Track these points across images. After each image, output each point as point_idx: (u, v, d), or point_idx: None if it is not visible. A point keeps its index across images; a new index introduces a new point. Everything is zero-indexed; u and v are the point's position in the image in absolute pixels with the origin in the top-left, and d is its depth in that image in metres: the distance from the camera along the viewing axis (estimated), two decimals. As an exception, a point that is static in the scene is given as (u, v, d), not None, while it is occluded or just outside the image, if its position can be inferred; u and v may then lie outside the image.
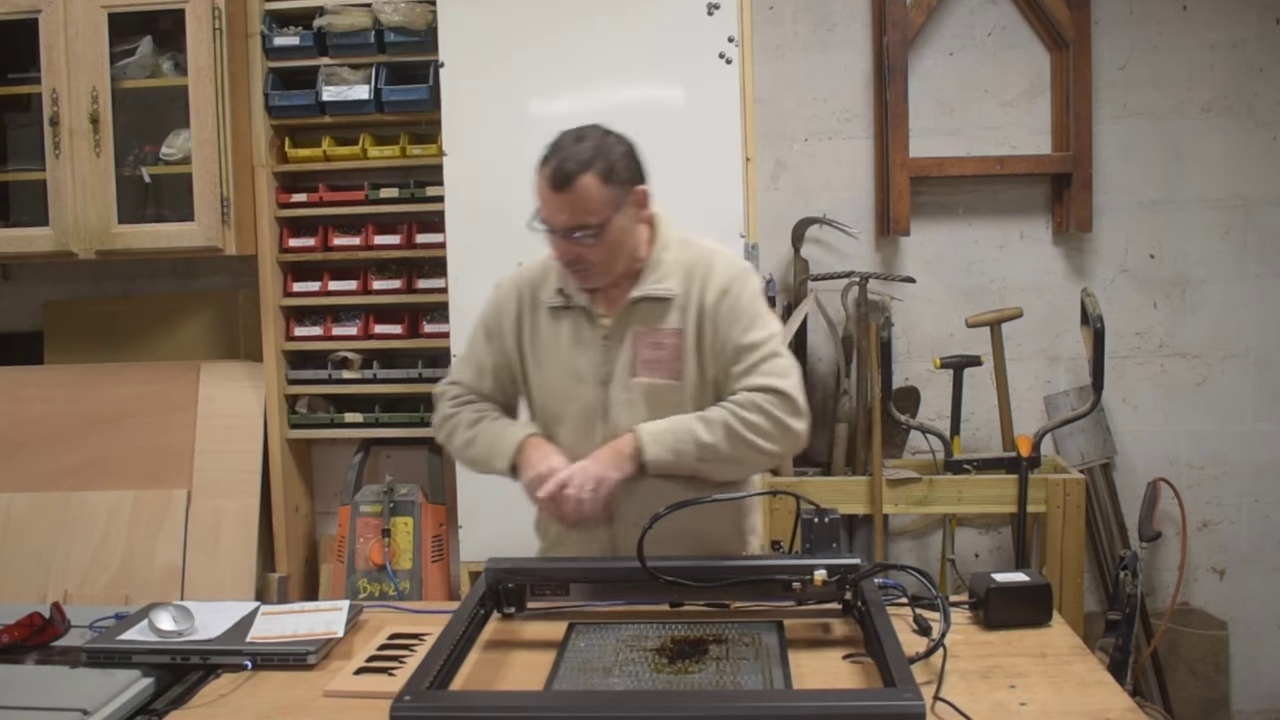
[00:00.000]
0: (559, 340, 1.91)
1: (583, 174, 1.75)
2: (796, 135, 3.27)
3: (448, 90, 2.83)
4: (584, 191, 1.75)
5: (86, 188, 2.95)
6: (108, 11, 2.91)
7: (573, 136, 1.80)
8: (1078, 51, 3.10)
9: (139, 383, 3.20)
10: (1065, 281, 3.24)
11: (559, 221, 1.78)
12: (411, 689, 1.35)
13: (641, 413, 1.86)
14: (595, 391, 1.88)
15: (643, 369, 1.86)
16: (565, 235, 1.79)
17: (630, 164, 1.83)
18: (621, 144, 1.83)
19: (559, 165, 1.76)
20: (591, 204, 1.76)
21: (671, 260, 1.89)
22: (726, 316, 1.86)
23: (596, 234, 1.77)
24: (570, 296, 1.90)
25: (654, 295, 1.86)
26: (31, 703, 1.51)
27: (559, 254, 1.83)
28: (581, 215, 1.76)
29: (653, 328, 1.87)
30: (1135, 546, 2.95)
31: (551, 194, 1.77)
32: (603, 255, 1.81)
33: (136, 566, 3.01)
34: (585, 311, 1.89)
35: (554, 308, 1.92)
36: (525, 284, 1.98)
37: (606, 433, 1.87)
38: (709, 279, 1.87)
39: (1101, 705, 1.44)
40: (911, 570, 1.78)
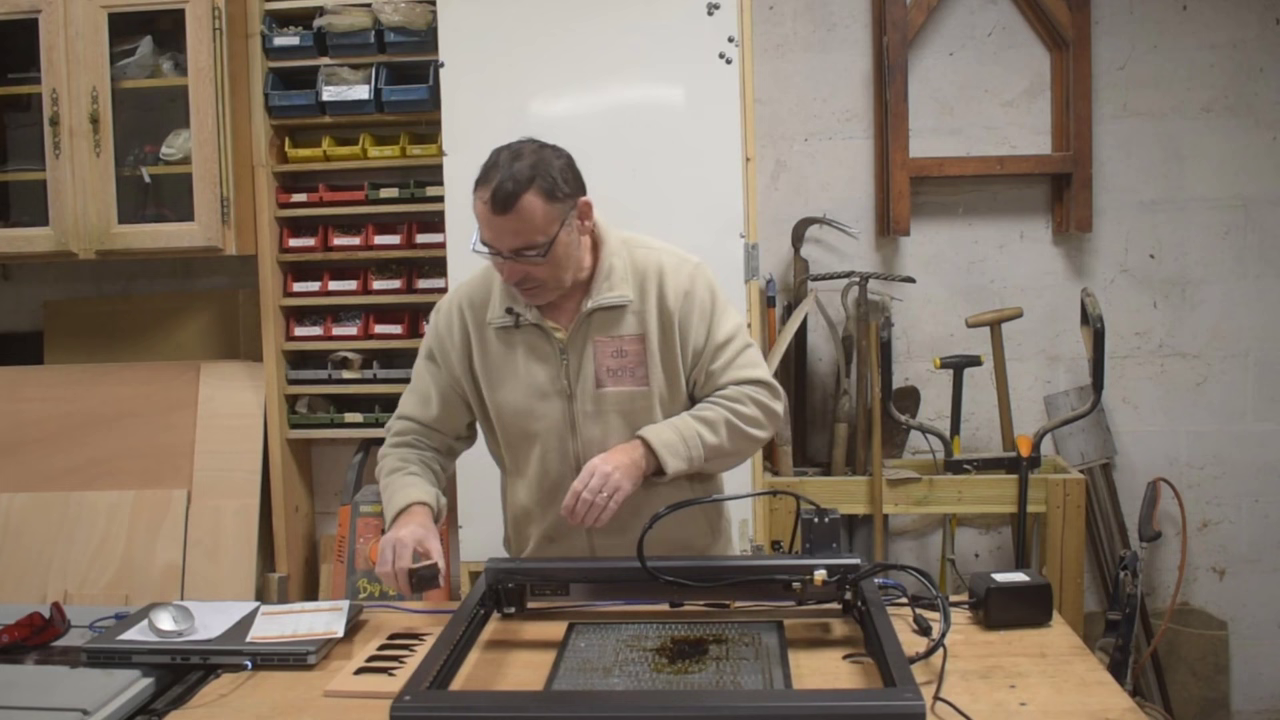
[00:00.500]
0: (514, 359, 1.87)
1: (524, 194, 1.70)
2: (796, 135, 3.27)
3: (448, 90, 2.83)
4: (527, 211, 1.70)
5: (86, 188, 2.95)
6: (108, 11, 2.91)
7: (509, 154, 1.74)
8: (1078, 51, 3.10)
9: (139, 383, 3.20)
10: (1065, 281, 3.24)
11: (504, 245, 1.72)
12: (411, 689, 1.35)
13: (611, 423, 1.85)
14: (560, 406, 1.86)
15: (608, 378, 1.85)
16: (512, 258, 1.74)
17: (570, 176, 1.78)
18: (559, 156, 1.79)
19: (498, 187, 1.69)
20: (536, 223, 1.71)
21: (621, 266, 1.86)
22: (692, 317, 1.85)
23: (544, 253, 1.73)
24: (520, 314, 1.85)
25: (608, 304, 1.84)
26: (31, 703, 1.51)
27: (506, 276, 1.78)
28: (527, 236, 1.71)
29: (612, 336, 1.85)
30: (1135, 546, 2.95)
31: (493, 217, 1.71)
32: (551, 272, 1.77)
33: (136, 566, 3.01)
34: (537, 327, 1.85)
35: (503, 328, 1.87)
36: (467, 305, 1.92)
37: (577, 447, 1.86)
38: (664, 281, 1.86)
39: (1101, 705, 1.44)
40: (911, 570, 1.78)
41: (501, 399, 1.89)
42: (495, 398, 1.90)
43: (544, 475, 1.90)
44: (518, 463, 1.94)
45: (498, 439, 1.96)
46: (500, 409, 1.90)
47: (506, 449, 1.95)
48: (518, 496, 1.96)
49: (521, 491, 1.95)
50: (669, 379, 1.87)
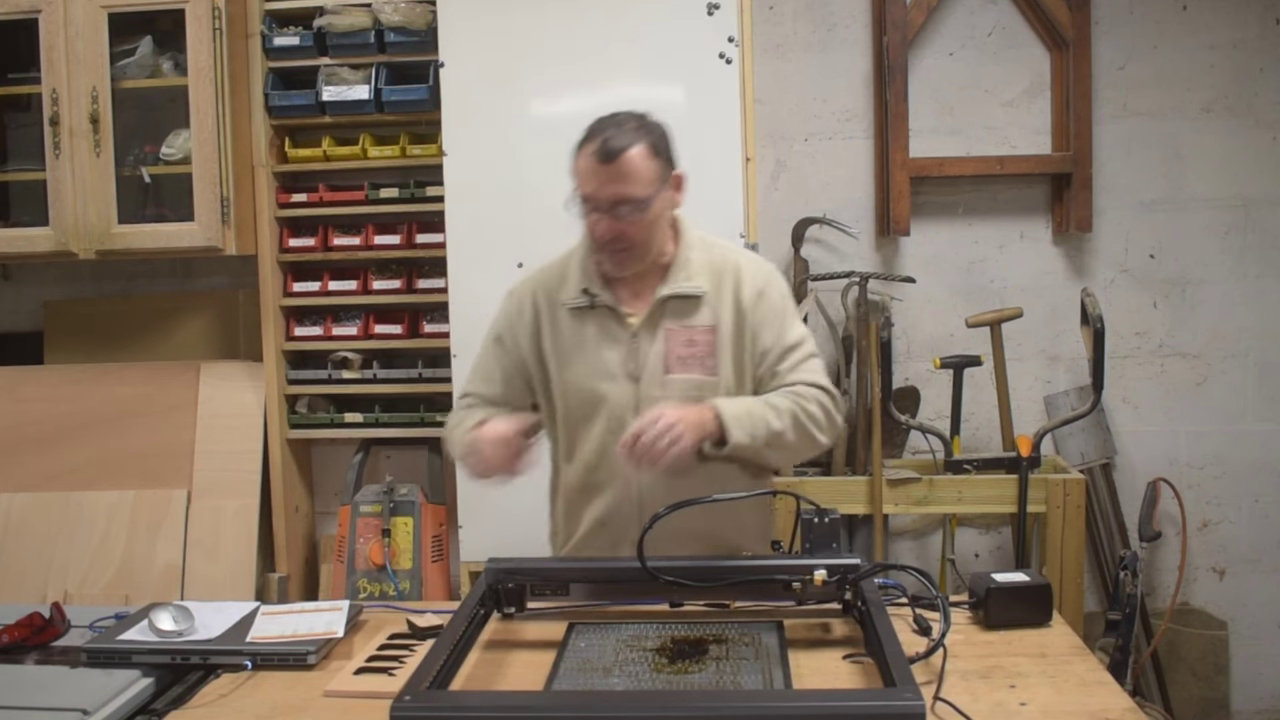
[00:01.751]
0: (584, 339, 1.90)
1: (632, 146, 1.76)
2: (796, 135, 3.27)
3: (448, 90, 2.83)
4: (633, 164, 1.76)
5: (86, 188, 2.95)
6: (108, 11, 2.91)
7: (612, 119, 1.80)
8: (1078, 51, 3.10)
9: (139, 383, 3.20)
10: (1065, 281, 3.24)
11: (605, 194, 1.77)
12: (411, 689, 1.35)
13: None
14: (626, 388, 1.88)
15: (677, 365, 1.87)
16: (610, 209, 1.78)
17: (669, 146, 1.84)
18: (661, 127, 1.85)
19: (606, 140, 1.76)
20: (640, 176, 1.77)
21: (698, 259, 1.91)
22: (766, 317, 1.89)
23: (642, 209, 1.78)
24: (595, 295, 1.89)
25: (684, 293, 1.88)
26: (31, 703, 1.51)
27: (599, 233, 1.81)
28: (629, 187, 1.76)
29: (684, 324, 1.88)
30: (1135, 546, 2.95)
31: (598, 166, 1.76)
32: (643, 234, 1.81)
33: (136, 566, 3.01)
34: (611, 310, 1.89)
35: (577, 308, 1.91)
36: (540, 288, 1.97)
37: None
38: (741, 279, 1.90)
39: (1101, 705, 1.44)
40: (911, 570, 1.78)
41: (569, 378, 1.92)
42: (562, 376, 1.92)
43: (602, 457, 1.90)
44: (575, 444, 1.94)
45: (557, 421, 1.97)
46: (566, 388, 1.92)
47: (565, 431, 1.96)
48: (570, 480, 1.97)
49: (575, 475, 1.95)
50: (736, 374, 1.89)
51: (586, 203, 1.80)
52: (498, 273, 2.81)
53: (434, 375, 3.08)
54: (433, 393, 3.10)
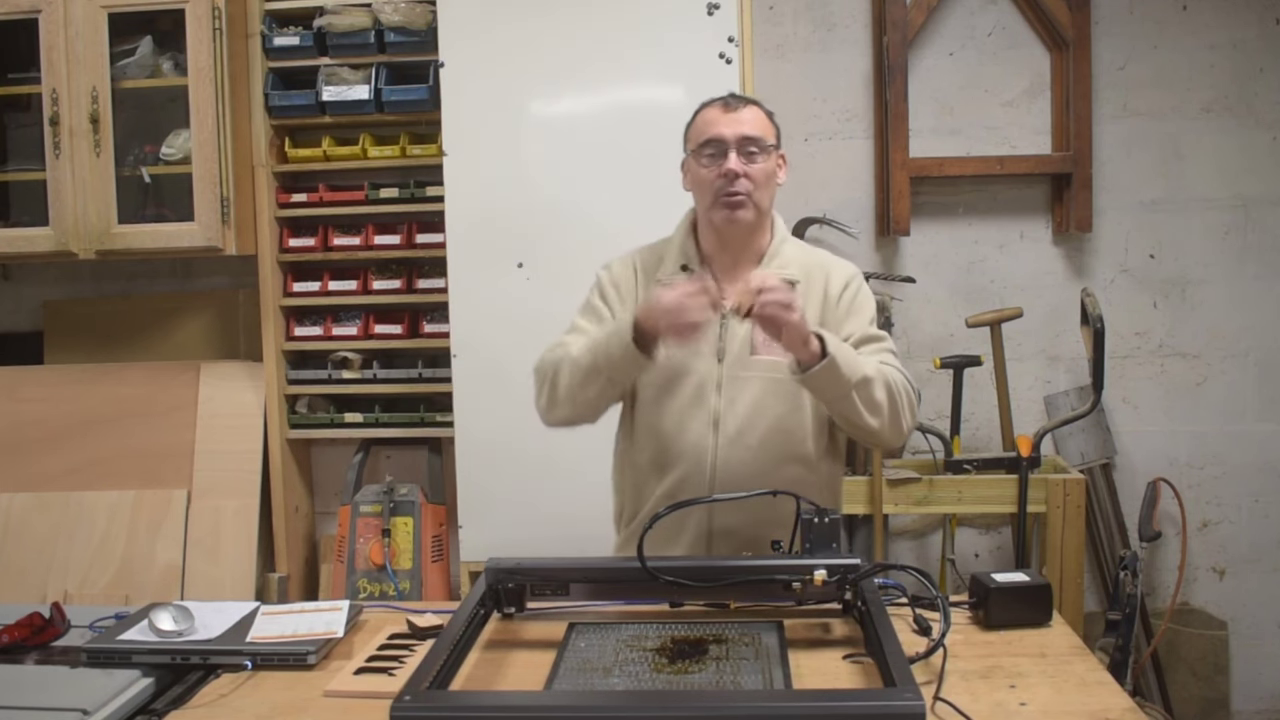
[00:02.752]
0: None
1: (752, 104, 1.93)
2: (796, 135, 3.27)
3: (448, 90, 2.83)
4: (756, 113, 1.91)
5: (86, 188, 2.95)
6: (108, 11, 2.91)
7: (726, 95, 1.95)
8: (1078, 51, 3.10)
9: (139, 383, 3.20)
10: (1065, 281, 3.24)
11: (734, 132, 1.87)
12: (411, 689, 1.35)
13: (755, 389, 1.90)
14: (710, 366, 1.92)
15: (763, 347, 1.89)
16: (738, 147, 1.86)
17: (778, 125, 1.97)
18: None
19: (730, 95, 1.94)
20: (763, 124, 1.91)
21: (791, 251, 1.99)
22: (852, 307, 1.95)
23: (766, 152, 1.88)
24: (694, 272, 1.93)
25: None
26: (31, 703, 1.51)
27: (723, 171, 1.86)
28: (756, 129, 1.88)
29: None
30: (1135, 546, 2.95)
31: (726, 114, 1.89)
32: (762, 182, 1.89)
33: (136, 566, 3.02)
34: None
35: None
36: (640, 261, 2.02)
37: (718, 406, 1.90)
38: (830, 273, 1.97)
39: (1101, 705, 1.44)
40: (911, 570, 1.78)
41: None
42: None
43: (679, 430, 1.92)
44: (652, 417, 1.95)
45: (637, 395, 1.97)
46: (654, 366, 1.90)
47: (644, 402, 1.96)
48: (643, 455, 1.97)
49: (648, 449, 1.96)
50: None
51: (713, 145, 1.88)
52: (498, 273, 2.82)
53: (434, 375, 3.08)
54: (433, 393, 3.10)
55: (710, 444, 1.90)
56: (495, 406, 2.83)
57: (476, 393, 2.85)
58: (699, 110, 1.96)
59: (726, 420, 1.90)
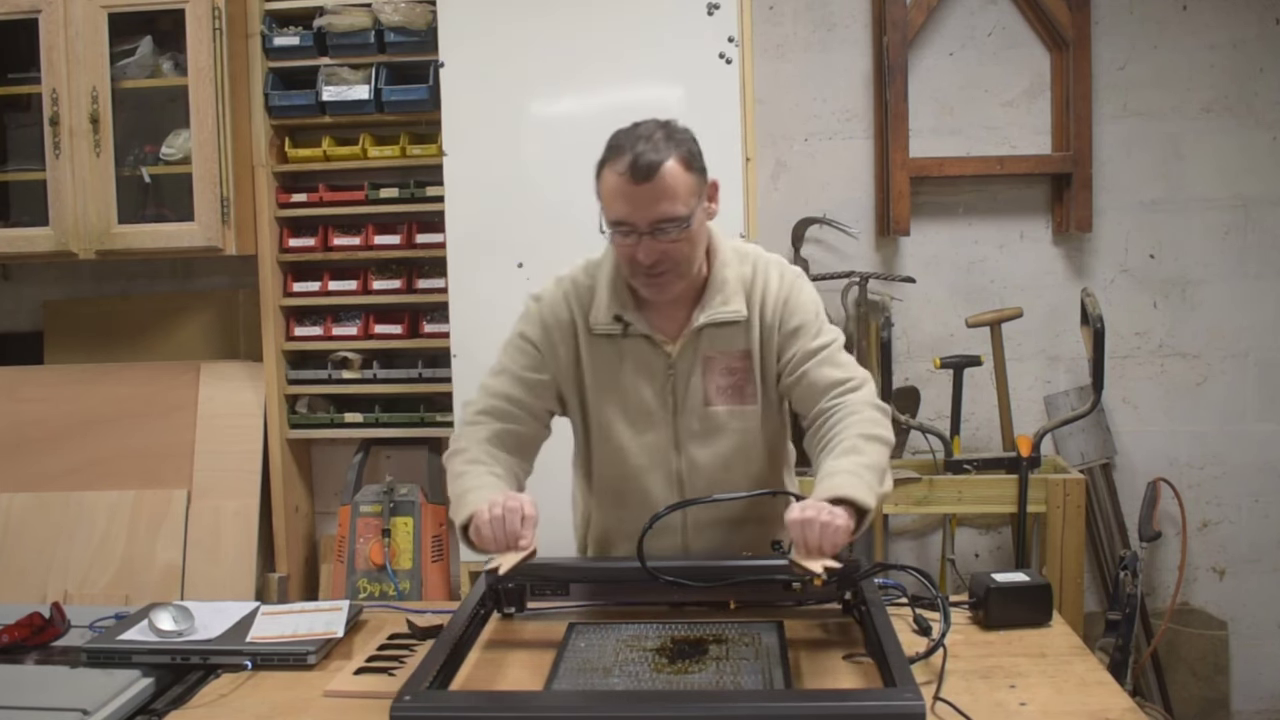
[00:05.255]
0: (620, 373, 1.79)
1: (666, 160, 1.61)
2: (796, 135, 3.27)
3: (448, 90, 2.83)
4: (670, 180, 1.61)
5: (86, 188, 2.95)
6: (108, 11, 2.91)
7: (632, 132, 1.65)
8: (1078, 51, 3.10)
9: (139, 383, 3.20)
10: (1065, 281, 3.24)
11: (645, 218, 1.62)
12: (411, 689, 1.35)
13: (718, 442, 1.80)
14: (665, 423, 1.80)
15: (718, 396, 1.78)
16: (651, 232, 1.63)
17: (700, 153, 1.69)
18: (688, 132, 1.70)
19: (638, 156, 1.60)
20: (679, 192, 1.62)
21: (733, 278, 1.77)
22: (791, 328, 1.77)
23: (683, 226, 1.64)
24: (629, 322, 1.76)
25: (722, 319, 1.76)
26: (31, 703, 1.51)
27: (641, 257, 1.65)
28: (670, 206, 1.62)
29: (724, 351, 1.78)
30: (1135, 546, 2.95)
31: (633, 188, 1.61)
32: (686, 253, 1.67)
33: (136, 566, 3.01)
34: (647, 339, 1.77)
35: (607, 336, 1.78)
36: (575, 303, 1.81)
37: (680, 467, 1.82)
38: (766, 290, 1.78)
39: (1101, 705, 1.44)
40: (911, 570, 1.78)
41: (608, 416, 1.81)
42: (601, 414, 1.81)
43: (644, 498, 1.81)
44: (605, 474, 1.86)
45: (590, 444, 1.86)
46: (602, 420, 1.81)
47: (603, 467, 1.86)
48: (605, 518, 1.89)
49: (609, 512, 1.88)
50: (766, 392, 1.81)
51: (621, 226, 1.65)
52: (498, 273, 2.82)
53: (434, 375, 3.07)
54: (433, 393, 3.10)
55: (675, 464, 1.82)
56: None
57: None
58: (602, 166, 1.66)
59: (693, 480, 1.81)
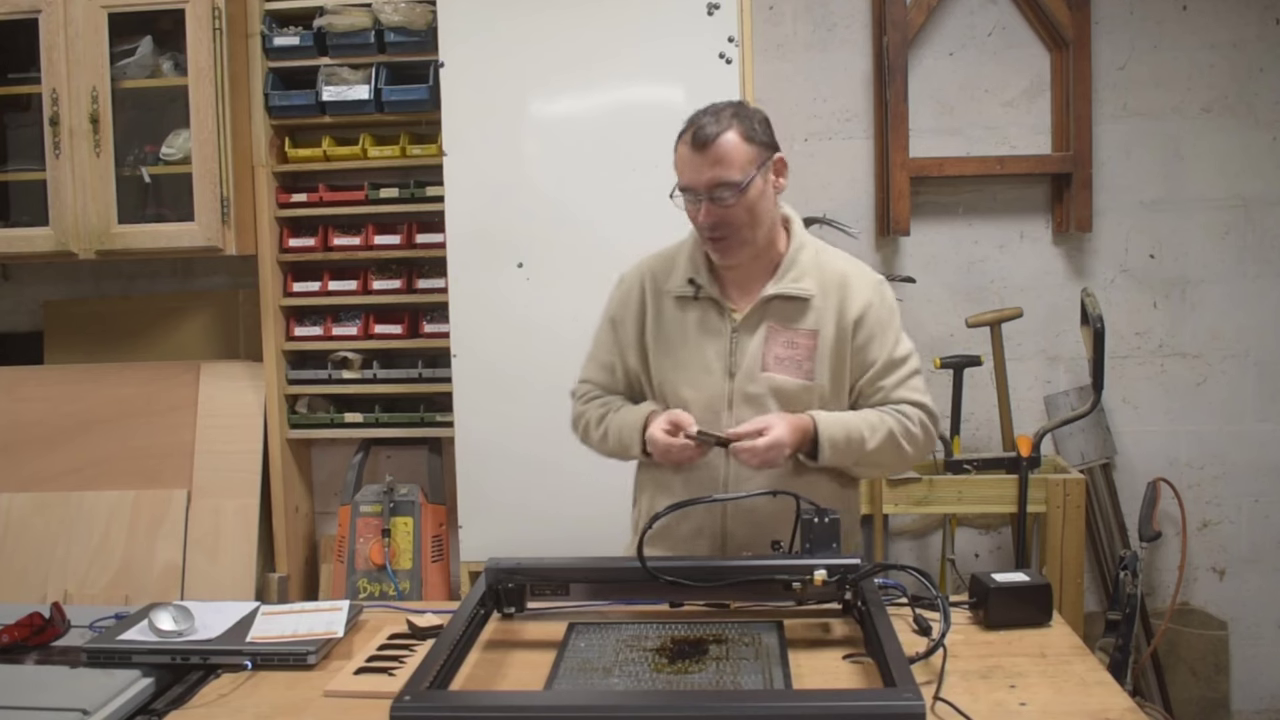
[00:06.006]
0: (685, 329, 1.92)
1: (725, 132, 1.79)
2: (796, 135, 3.27)
3: (448, 90, 2.83)
4: (725, 148, 1.78)
5: (86, 188, 2.95)
6: (108, 11, 2.91)
7: (709, 108, 1.84)
8: (1078, 51, 3.10)
9: (139, 383, 3.20)
10: (1065, 281, 3.24)
11: (701, 180, 1.79)
12: (411, 689, 1.35)
13: (767, 408, 1.87)
14: (721, 382, 1.89)
15: (774, 365, 1.88)
16: (708, 195, 1.80)
17: (767, 130, 1.86)
18: (759, 113, 1.87)
19: (700, 128, 1.79)
20: (733, 160, 1.78)
21: (808, 262, 1.91)
22: (873, 331, 1.89)
23: (739, 192, 1.79)
24: (701, 287, 1.90)
25: (791, 294, 1.88)
26: (31, 703, 1.51)
27: (702, 218, 1.83)
28: (724, 171, 1.78)
29: (788, 326, 1.88)
30: (1135, 546, 2.95)
31: (693, 154, 1.79)
32: (745, 219, 1.82)
33: (136, 566, 3.02)
34: (715, 303, 1.90)
35: (681, 297, 1.92)
36: (648, 274, 1.98)
37: (729, 424, 1.87)
38: (850, 289, 1.90)
39: (1101, 705, 1.44)
40: (911, 570, 1.78)
41: (666, 366, 1.93)
42: (660, 364, 1.94)
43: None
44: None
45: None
46: (663, 376, 1.94)
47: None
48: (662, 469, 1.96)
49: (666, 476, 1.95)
50: (834, 383, 1.89)
51: (686, 191, 1.83)
52: (498, 273, 2.82)
53: (434, 375, 3.08)
54: (433, 393, 3.10)
55: (721, 463, 1.89)
56: (495, 406, 2.84)
57: (476, 393, 2.85)
58: (678, 139, 1.86)
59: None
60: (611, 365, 2.01)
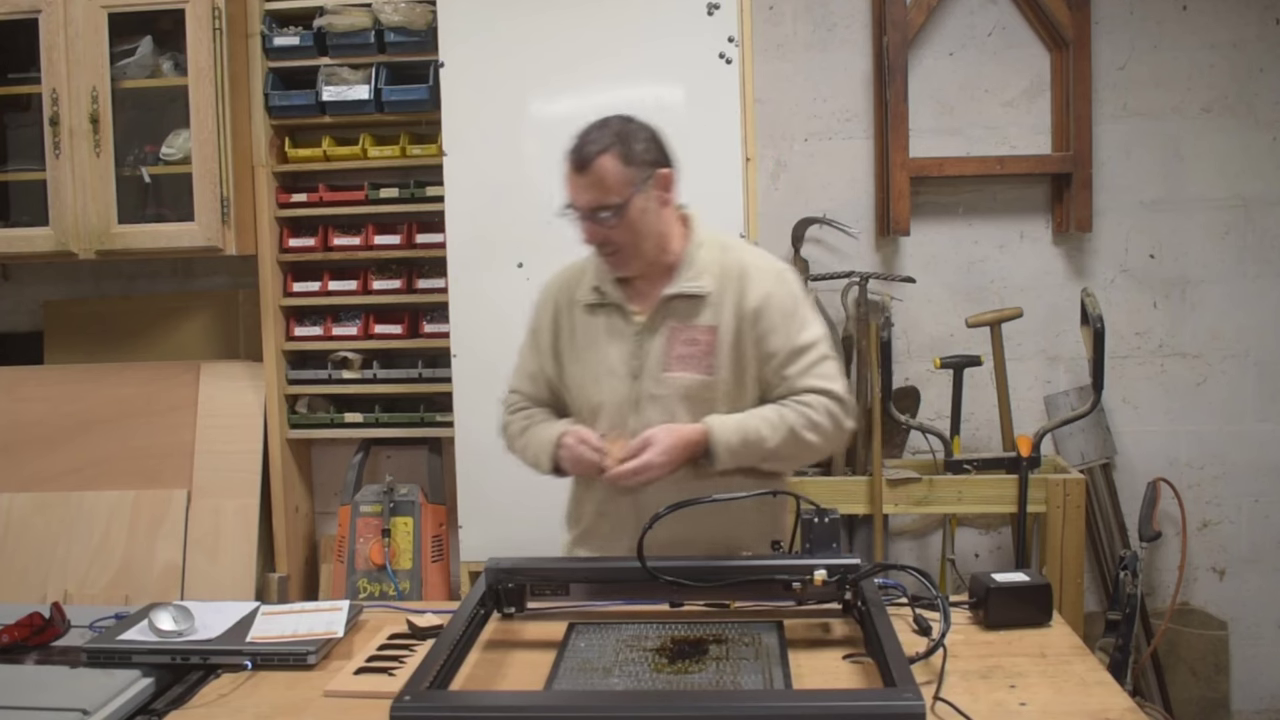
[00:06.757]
0: (594, 335, 1.96)
1: (602, 155, 1.81)
2: (796, 135, 3.27)
3: (448, 90, 2.83)
4: (603, 171, 1.81)
5: (86, 188, 2.95)
6: (108, 11, 2.91)
7: (596, 124, 1.86)
8: (1078, 51, 3.10)
9: (139, 383, 3.20)
10: (1065, 281, 3.24)
11: (581, 202, 1.84)
12: (411, 689, 1.35)
13: (673, 407, 1.89)
14: (627, 385, 1.92)
15: (675, 364, 1.90)
16: (589, 216, 1.84)
17: (652, 147, 1.87)
18: (644, 129, 1.88)
19: (579, 147, 1.83)
20: (611, 183, 1.81)
21: (706, 258, 1.93)
22: (774, 320, 1.90)
23: (617, 213, 1.82)
24: (605, 293, 1.94)
25: (688, 292, 1.91)
26: (31, 703, 1.51)
27: (587, 237, 1.88)
28: (602, 195, 1.82)
29: (687, 324, 1.91)
30: (1135, 546, 2.95)
31: (574, 176, 1.84)
32: (628, 237, 1.85)
33: (136, 566, 3.02)
34: (619, 308, 1.94)
35: (589, 305, 1.97)
36: (561, 285, 2.04)
37: (637, 425, 1.89)
38: (749, 280, 1.91)
39: (1101, 705, 1.44)
40: (911, 570, 1.78)
41: (574, 372, 1.98)
42: (571, 370, 1.99)
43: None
44: None
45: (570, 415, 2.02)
46: (571, 382, 1.99)
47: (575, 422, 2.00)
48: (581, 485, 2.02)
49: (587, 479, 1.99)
50: (737, 375, 1.91)
51: (570, 210, 1.87)
52: (498, 273, 2.82)
53: (434, 375, 3.07)
54: (433, 393, 3.10)
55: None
56: (495, 406, 2.82)
57: (476, 393, 2.85)
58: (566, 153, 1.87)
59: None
60: (535, 375, 2.05)
